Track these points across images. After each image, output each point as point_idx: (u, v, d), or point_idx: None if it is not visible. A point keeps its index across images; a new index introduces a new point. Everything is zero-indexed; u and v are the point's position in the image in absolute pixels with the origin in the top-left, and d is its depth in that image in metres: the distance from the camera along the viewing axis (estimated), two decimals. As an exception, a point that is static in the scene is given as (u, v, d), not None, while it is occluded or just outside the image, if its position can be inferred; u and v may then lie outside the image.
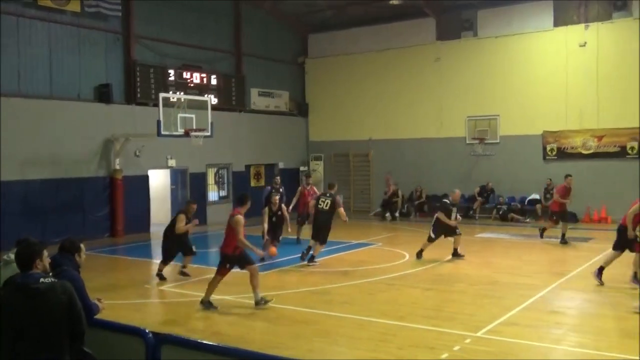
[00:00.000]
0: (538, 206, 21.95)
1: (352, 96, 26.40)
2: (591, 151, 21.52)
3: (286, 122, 26.44)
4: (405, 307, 10.02)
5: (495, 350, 7.74)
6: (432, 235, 14.13)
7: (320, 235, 13.53)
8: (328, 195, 13.86)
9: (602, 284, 11.23)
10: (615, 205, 18.87)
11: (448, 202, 14.43)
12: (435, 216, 14.31)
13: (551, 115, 22.04)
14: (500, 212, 22.43)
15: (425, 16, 24.24)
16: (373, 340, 8.21)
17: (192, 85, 21.87)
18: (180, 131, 17.89)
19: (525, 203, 22.55)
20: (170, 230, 12.25)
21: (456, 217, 14.33)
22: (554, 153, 22.22)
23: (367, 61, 25.92)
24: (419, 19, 24.37)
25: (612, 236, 15.05)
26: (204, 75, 22.44)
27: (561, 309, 9.97)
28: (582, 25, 21.52)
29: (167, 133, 17.63)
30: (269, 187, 17.08)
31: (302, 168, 26.84)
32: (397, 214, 23.57)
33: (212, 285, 9.84)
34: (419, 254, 14.14)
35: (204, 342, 5.50)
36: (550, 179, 21.18)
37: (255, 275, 9.75)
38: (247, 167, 24.68)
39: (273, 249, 12.77)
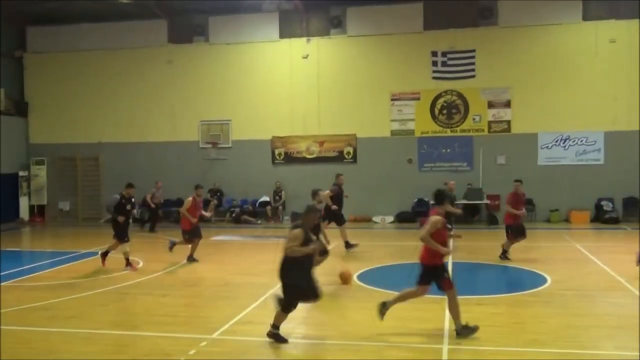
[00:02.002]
0: (268, 208, 23.08)
1: (79, 96, 24.84)
2: (314, 155, 23.36)
3: (1, 123, 23.75)
4: (140, 315, 9.72)
5: (231, 350, 7.92)
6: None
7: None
8: None
9: None
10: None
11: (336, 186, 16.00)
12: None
13: (279, 121, 23.38)
14: (234, 215, 23.06)
15: (157, 18, 23.86)
16: (104, 354, 7.79)
17: None
18: None
19: (257, 205, 23.54)
20: None
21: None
22: (282, 157, 23.60)
23: (96, 60, 24.62)
24: (151, 20, 23.91)
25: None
26: None
27: (290, 304, 10.59)
28: (305, 39, 23.22)
29: None
30: (118, 196, 14.53)
31: (21, 173, 24.44)
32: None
33: (406, 297, 8.51)
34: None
35: None
36: (279, 182, 22.45)
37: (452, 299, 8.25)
38: (-48, 172, 21.65)
39: None
